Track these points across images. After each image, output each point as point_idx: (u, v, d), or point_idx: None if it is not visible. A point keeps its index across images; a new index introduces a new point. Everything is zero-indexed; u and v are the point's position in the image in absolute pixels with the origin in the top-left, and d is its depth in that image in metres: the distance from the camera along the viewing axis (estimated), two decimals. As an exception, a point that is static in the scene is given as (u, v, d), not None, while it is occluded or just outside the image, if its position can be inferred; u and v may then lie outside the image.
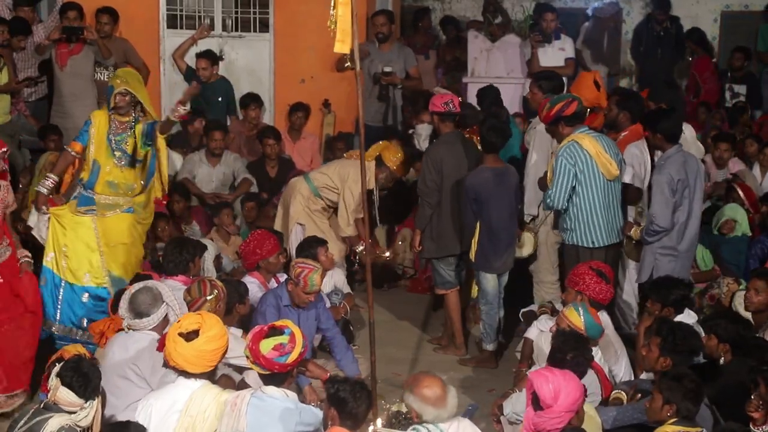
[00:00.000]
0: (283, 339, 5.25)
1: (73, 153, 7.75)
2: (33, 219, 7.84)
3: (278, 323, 5.41)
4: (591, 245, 7.53)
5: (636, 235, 7.63)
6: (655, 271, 7.43)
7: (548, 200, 7.55)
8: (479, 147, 8.01)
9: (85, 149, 7.68)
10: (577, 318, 6.31)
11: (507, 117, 9.05)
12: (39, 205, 7.64)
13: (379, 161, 8.66)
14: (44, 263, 7.58)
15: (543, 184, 7.79)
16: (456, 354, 8.13)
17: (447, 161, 7.96)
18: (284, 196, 8.95)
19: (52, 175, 7.74)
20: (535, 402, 5.00)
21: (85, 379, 5.17)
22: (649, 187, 7.73)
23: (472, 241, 7.80)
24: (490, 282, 7.84)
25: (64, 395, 5.16)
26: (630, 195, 7.84)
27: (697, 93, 12.66)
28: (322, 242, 7.76)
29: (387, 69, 10.50)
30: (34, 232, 7.80)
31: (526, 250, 8.19)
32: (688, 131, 8.35)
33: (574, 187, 7.46)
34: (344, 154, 9.34)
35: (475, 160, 8.02)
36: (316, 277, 6.77)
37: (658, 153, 7.67)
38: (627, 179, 7.78)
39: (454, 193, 7.98)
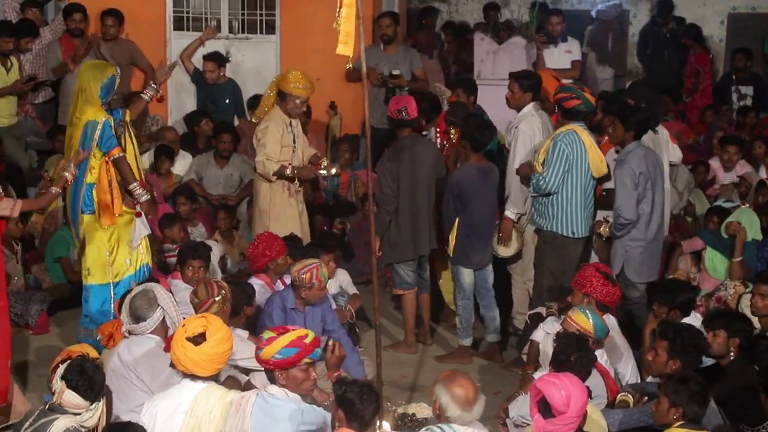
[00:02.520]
0: (267, 334, 5.29)
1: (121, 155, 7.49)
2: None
3: (291, 328, 5.41)
4: (570, 235, 7.71)
5: (606, 232, 7.72)
6: (626, 262, 7.58)
7: (541, 182, 7.63)
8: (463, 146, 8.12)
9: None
10: (585, 320, 6.30)
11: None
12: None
13: (281, 94, 8.33)
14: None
15: (525, 170, 7.90)
16: (407, 352, 8.19)
17: (403, 168, 8.01)
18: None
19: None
20: (544, 409, 4.96)
21: (90, 381, 5.18)
22: None
23: (450, 236, 7.88)
24: (467, 277, 7.95)
25: (70, 398, 5.16)
26: (610, 200, 7.83)
27: (692, 92, 12.65)
28: (325, 250, 7.77)
29: (395, 72, 10.48)
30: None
31: (512, 249, 8.22)
32: (664, 133, 8.36)
33: (564, 174, 7.60)
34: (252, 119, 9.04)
35: (434, 160, 8.16)
36: (324, 270, 6.82)
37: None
38: (609, 184, 7.86)
39: (412, 199, 8.03)
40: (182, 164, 10.30)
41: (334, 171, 8.70)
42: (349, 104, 11.17)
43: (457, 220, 7.89)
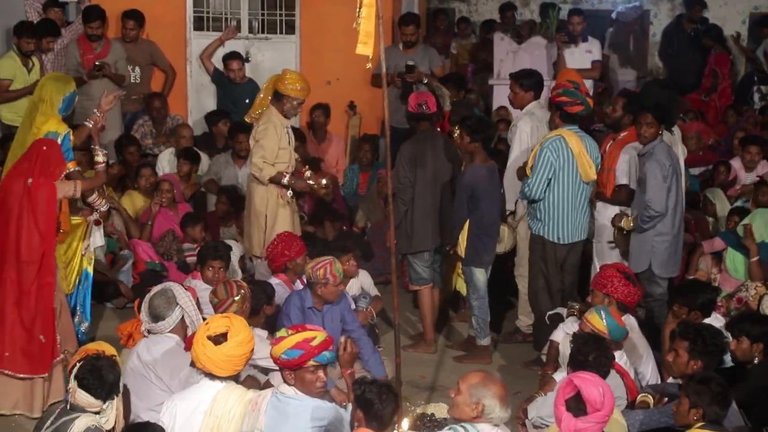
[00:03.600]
0: (280, 332, 5.30)
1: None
2: None
3: (308, 327, 5.41)
4: (556, 240, 7.79)
5: (628, 225, 7.69)
6: (653, 257, 7.59)
7: (526, 189, 7.74)
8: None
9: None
10: (599, 322, 6.29)
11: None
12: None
13: (278, 95, 8.27)
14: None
15: (522, 173, 7.98)
16: (426, 351, 8.17)
17: (421, 158, 8.06)
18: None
19: None
20: (576, 407, 4.92)
21: (100, 380, 5.16)
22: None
23: (461, 237, 7.89)
24: (481, 277, 7.96)
25: (82, 397, 5.17)
26: (623, 195, 7.94)
27: (710, 92, 12.59)
28: (346, 251, 7.77)
29: (410, 63, 10.41)
30: None
31: (505, 246, 8.31)
32: (677, 132, 8.37)
33: (549, 181, 7.65)
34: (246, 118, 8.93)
35: (450, 157, 8.21)
36: (339, 266, 6.80)
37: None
38: (624, 180, 7.90)
39: (428, 190, 8.06)
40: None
41: (324, 182, 8.59)
42: (368, 104, 11.18)
43: (467, 221, 7.88)
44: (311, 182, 8.38)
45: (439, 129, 8.91)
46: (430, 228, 8.15)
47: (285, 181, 8.19)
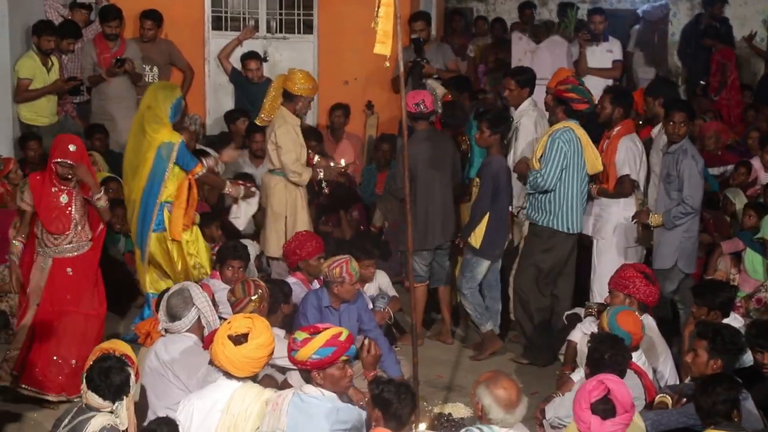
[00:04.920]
0: (299, 335, 5.26)
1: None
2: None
3: (321, 326, 5.40)
4: (567, 231, 7.83)
5: (656, 222, 7.66)
6: (680, 254, 7.64)
7: (539, 180, 7.72)
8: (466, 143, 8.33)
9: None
10: (605, 323, 6.30)
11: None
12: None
13: (288, 95, 8.32)
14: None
15: (523, 168, 8.05)
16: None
17: (419, 159, 8.06)
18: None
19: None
20: (603, 409, 4.88)
21: (108, 381, 5.13)
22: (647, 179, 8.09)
23: (477, 230, 7.94)
24: (484, 269, 8.07)
25: (92, 397, 5.16)
26: (625, 187, 7.96)
27: (719, 91, 12.52)
28: (370, 255, 7.80)
29: (419, 60, 10.36)
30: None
31: (515, 240, 8.39)
32: None
33: (562, 170, 7.69)
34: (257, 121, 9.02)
35: (450, 155, 8.28)
36: (355, 265, 6.82)
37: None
38: (626, 170, 7.92)
39: (429, 189, 8.09)
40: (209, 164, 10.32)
41: (343, 163, 8.76)
42: (385, 104, 11.17)
43: (487, 213, 7.95)
44: (336, 165, 8.60)
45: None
46: (431, 227, 8.17)
47: (322, 175, 8.31)
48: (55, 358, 7.00)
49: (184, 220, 7.62)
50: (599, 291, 7.86)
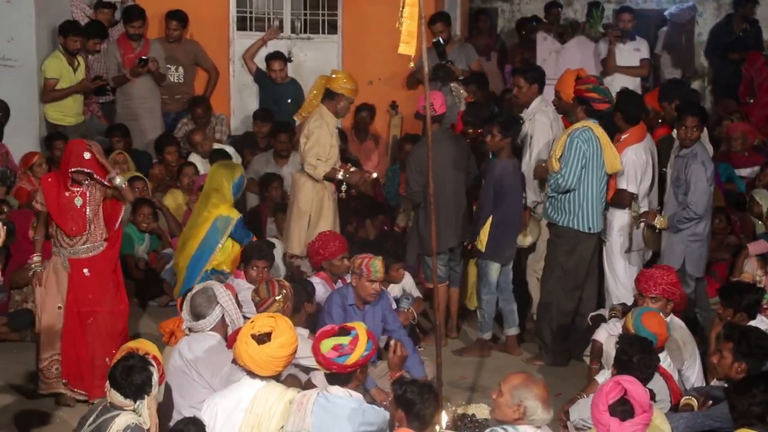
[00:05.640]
0: (344, 340, 5.20)
1: None
2: None
3: (349, 325, 5.40)
4: (587, 230, 7.80)
5: (661, 224, 7.67)
6: (687, 257, 7.66)
7: (560, 180, 7.70)
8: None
9: None
10: (630, 324, 6.26)
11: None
12: None
13: (329, 94, 8.34)
14: None
15: (542, 169, 8.05)
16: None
17: (436, 160, 7.95)
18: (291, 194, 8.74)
19: None
20: (621, 411, 4.86)
21: (129, 379, 5.16)
22: (657, 184, 8.12)
23: (482, 233, 7.95)
24: (496, 272, 8.06)
25: (114, 396, 5.19)
26: (624, 198, 7.91)
27: (753, 92, 12.42)
28: (399, 259, 7.84)
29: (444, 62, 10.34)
30: None
31: (530, 238, 8.36)
32: (704, 132, 8.35)
33: (581, 170, 7.68)
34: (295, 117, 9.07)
35: (464, 156, 8.28)
36: (377, 263, 6.82)
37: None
38: (623, 185, 7.88)
39: (441, 191, 7.99)
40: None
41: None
42: (410, 104, 11.14)
43: (490, 216, 7.95)
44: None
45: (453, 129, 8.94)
46: (445, 229, 8.13)
47: (340, 175, 8.29)
48: (94, 359, 7.03)
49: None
50: (614, 292, 7.90)
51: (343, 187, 8.39)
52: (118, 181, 7.02)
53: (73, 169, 6.85)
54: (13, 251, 8.15)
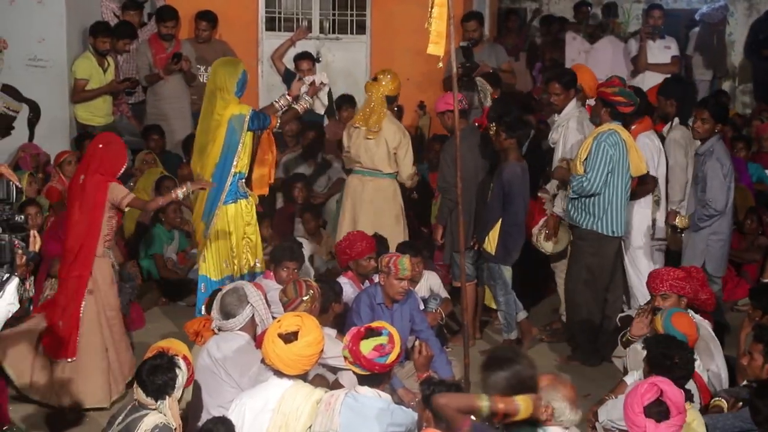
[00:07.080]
0: (383, 340, 5.22)
1: None
2: None
3: (374, 324, 5.40)
4: (610, 234, 7.76)
5: (682, 223, 7.66)
6: (707, 256, 7.65)
7: (585, 184, 7.66)
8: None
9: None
10: (660, 325, 6.23)
11: None
12: None
13: (390, 100, 8.45)
14: None
15: (563, 172, 8.03)
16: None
17: (464, 156, 7.94)
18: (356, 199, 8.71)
19: None
20: (657, 412, 4.83)
21: (151, 378, 5.17)
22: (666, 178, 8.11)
23: (491, 236, 7.96)
24: (509, 273, 8.06)
25: (140, 395, 5.22)
26: (646, 184, 7.96)
27: None
28: (416, 252, 7.78)
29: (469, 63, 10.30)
30: None
31: (561, 245, 8.34)
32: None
33: (608, 174, 7.65)
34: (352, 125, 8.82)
35: (491, 153, 8.25)
36: (405, 262, 6.83)
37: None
38: (651, 170, 7.93)
39: (470, 187, 8.06)
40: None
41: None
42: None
43: (499, 219, 7.95)
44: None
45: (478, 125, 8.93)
46: (473, 225, 8.20)
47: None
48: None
49: (269, 177, 7.96)
50: (640, 290, 7.86)
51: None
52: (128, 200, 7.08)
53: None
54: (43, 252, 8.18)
